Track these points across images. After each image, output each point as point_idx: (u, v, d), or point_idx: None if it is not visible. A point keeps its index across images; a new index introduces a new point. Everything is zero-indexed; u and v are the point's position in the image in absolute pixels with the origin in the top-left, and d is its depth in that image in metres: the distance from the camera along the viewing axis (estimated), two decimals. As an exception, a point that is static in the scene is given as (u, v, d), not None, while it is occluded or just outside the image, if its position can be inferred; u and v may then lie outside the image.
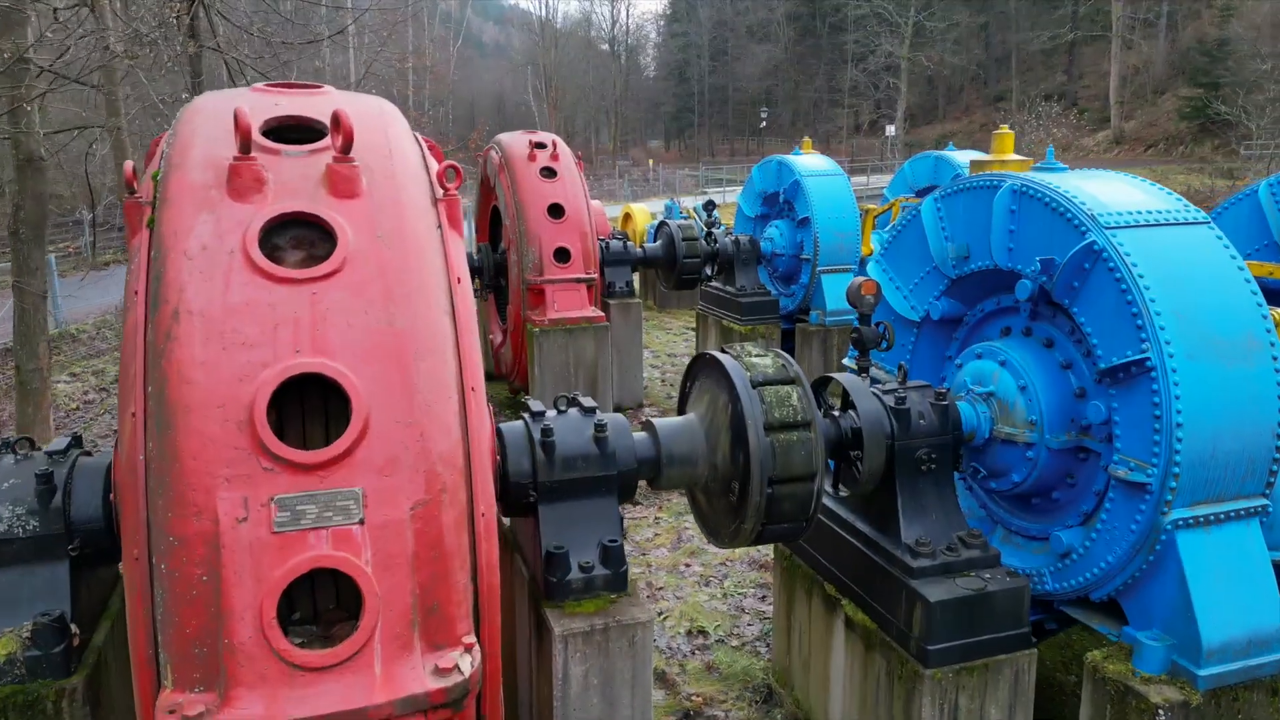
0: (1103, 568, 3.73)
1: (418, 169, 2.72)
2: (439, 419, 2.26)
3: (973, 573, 3.80)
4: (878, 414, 3.93)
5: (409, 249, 2.43)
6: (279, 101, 2.76)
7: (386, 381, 2.23)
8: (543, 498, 3.47)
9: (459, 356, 2.42)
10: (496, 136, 10.03)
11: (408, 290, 2.36)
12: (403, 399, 2.23)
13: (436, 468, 2.22)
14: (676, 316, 15.98)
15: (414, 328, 2.31)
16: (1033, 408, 3.99)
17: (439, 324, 2.38)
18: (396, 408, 2.22)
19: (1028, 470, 4.05)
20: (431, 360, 2.31)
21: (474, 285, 10.44)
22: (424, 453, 2.21)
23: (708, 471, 3.76)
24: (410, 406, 2.23)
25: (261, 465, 2.09)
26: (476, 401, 2.43)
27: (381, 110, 2.86)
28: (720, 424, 3.71)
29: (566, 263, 8.96)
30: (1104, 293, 3.64)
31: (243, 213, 2.35)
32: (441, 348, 2.35)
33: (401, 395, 2.23)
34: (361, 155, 2.55)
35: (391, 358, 2.25)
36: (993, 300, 4.49)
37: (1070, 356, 4.01)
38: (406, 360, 2.26)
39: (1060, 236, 3.82)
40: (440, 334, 2.37)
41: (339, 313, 2.26)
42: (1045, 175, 4.10)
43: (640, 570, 6.30)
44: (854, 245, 10.50)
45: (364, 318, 2.27)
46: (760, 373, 3.70)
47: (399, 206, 2.50)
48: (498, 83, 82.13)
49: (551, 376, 8.85)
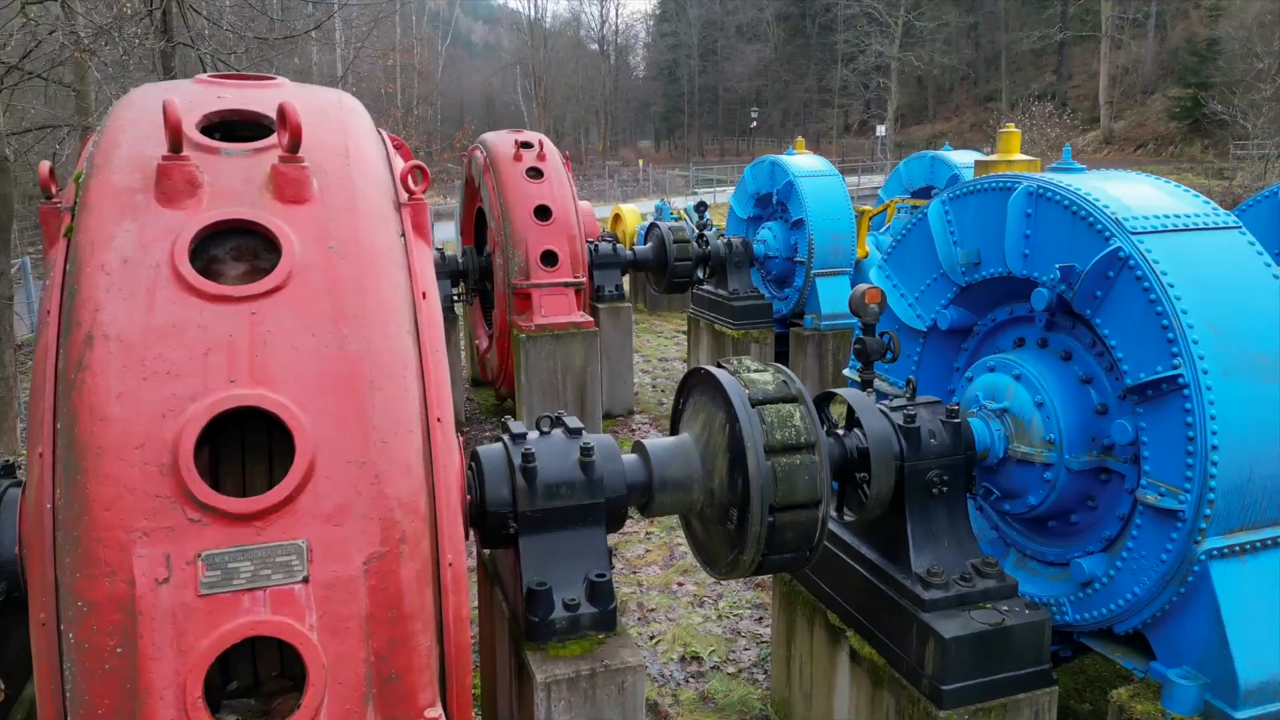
0: (1129, 599, 3.46)
1: (379, 170, 2.42)
2: (398, 457, 1.97)
3: (989, 604, 3.52)
4: (885, 433, 3.65)
5: (366, 261, 2.13)
6: (223, 94, 2.46)
7: (337, 415, 1.93)
8: (524, 528, 3.17)
9: (423, 383, 2.12)
10: (481, 136, 9.72)
11: (363, 308, 2.06)
12: (355, 435, 1.93)
13: (394, 514, 1.92)
14: (668, 319, 15.69)
15: (370, 352, 2.02)
16: (1051, 425, 3.72)
17: (400, 346, 2.09)
18: (348, 446, 1.92)
19: (1045, 492, 3.78)
20: (390, 389, 2.01)
21: (459, 289, 10.17)
22: (380, 497, 1.91)
23: (703, 497, 3.47)
24: (364, 444, 1.93)
25: (187, 516, 1.79)
26: (443, 435, 2.13)
27: (340, 104, 2.56)
28: (717, 445, 3.42)
29: (554, 266, 8.66)
30: (1130, 303, 3.38)
31: (172, 220, 2.04)
32: (402, 374, 2.05)
33: (354, 431, 1.93)
34: (313, 154, 2.26)
35: (343, 387, 1.96)
36: (1005, 309, 4.22)
37: (1091, 370, 3.74)
38: (360, 390, 1.97)
39: (1082, 242, 3.55)
40: (401, 358, 2.07)
41: (282, 335, 1.96)
42: (1063, 176, 3.83)
43: (631, 590, 6.01)
44: (849, 247, 10.23)
45: (311, 341, 1.98)
46: (760, 390, 3.42)
47: (355, 213, 2.20)
48: (486, 82, 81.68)
49: (539, 384, 8.55)
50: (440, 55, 70.18)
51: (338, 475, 1.90)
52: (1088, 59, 57.91)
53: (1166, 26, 54.49)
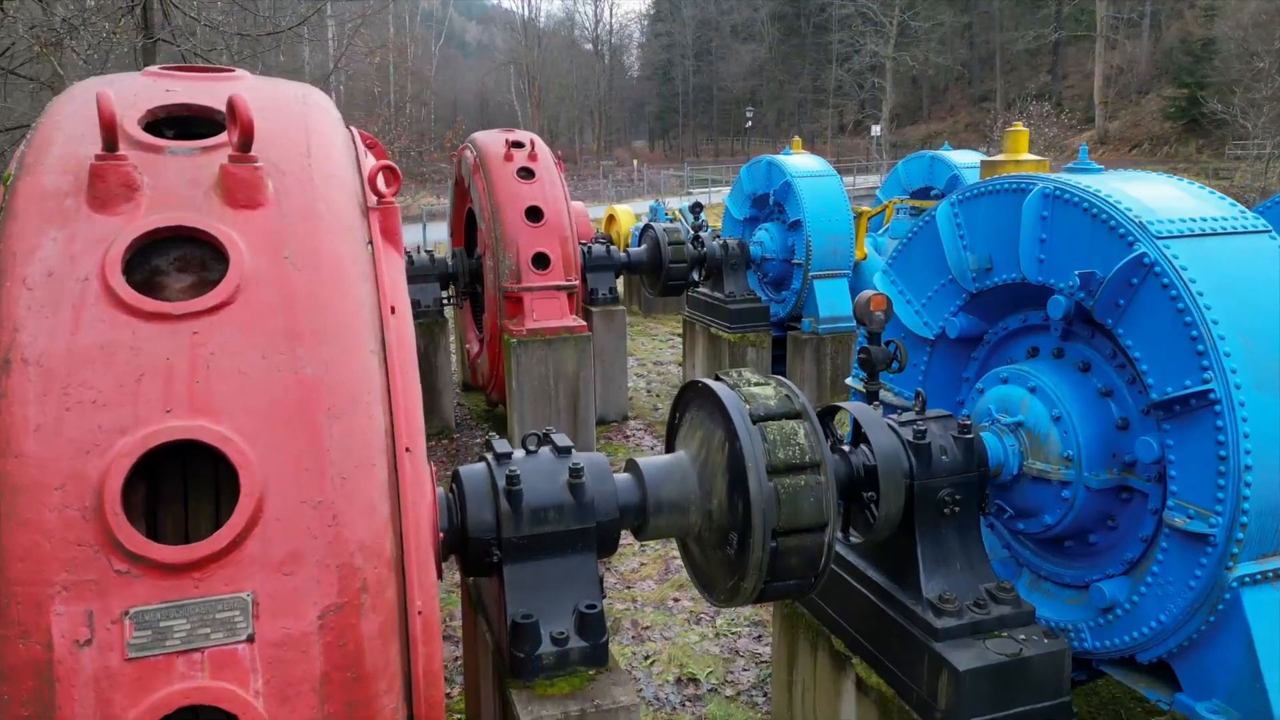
0: (1154, 627, 3.25)
1: (345, 171, 2.19)
2: (359, 495, 1.74)
3: (1005, 633, 3.31)
4: (894, 450, 3.44)
5: (326, 272, 1.91)
6: (172, 88, 2.23)
7: (289, 448, 1.71)
8: (508, 556, 2.95)
9: (390, 410, 1.90)
10: (472, 135, 9.49)
11: (322, 326, 1.84)
12: (310, 471, 1.71)
13: (354, 560, 1.70)
14: (663, 322, 15.47)
15: (328, 375, 1.79)
16: (1069, 441, 3.51)
17: (363, 369, 1.86)
18: (302, 483, 1.70)
19: (1062, 512, 3.57)
20: (351, 417, 1.79)
21: (449, 292, 9.94)
22: (338, 541, 1.69)
23: (701, 520, 3.26)
24: (320, 480, 1.71)
25: (113, 567, 1.57)
26: (413, 466, 1.91)
27: (304, 99, 2.34)
28: (715, 465, 3.21)
29: (545, 269, 8.43)
30: (1156, 312, 3.17)
31: (105, 228, 1.82)
32: (365, 400, 1.83)
33: (309, 466, 1.71)
34: (270, 154, 2.03)
35: (297, 416, 1.73)
36: (1018, 317, 4.01)
37: (1111, 383, 3.53)
38: (317, 419, 1.74)
39: (1103, 247, 3.34)
40: (364, 382, 1.85)
41: (227, 358, 1.74)
42: (1080, 177, 3.62)
43: (625, 606, 5.79)
44: (848, 249, 10.02)
45: (261, 364, 1.75)
46: (761, 405, 3.20)
47: (315, 218, 1.97)
48: (480, 82, 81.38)
49: (530, 390, 8.32)
50: (434, 55, 69.90)
51: (289, 517, 1.67)
52: (1082, 59, 57.88)
53: (1161, 26, 54.46)
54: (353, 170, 2.26)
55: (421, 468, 1.96)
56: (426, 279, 9.40)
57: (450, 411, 9.52)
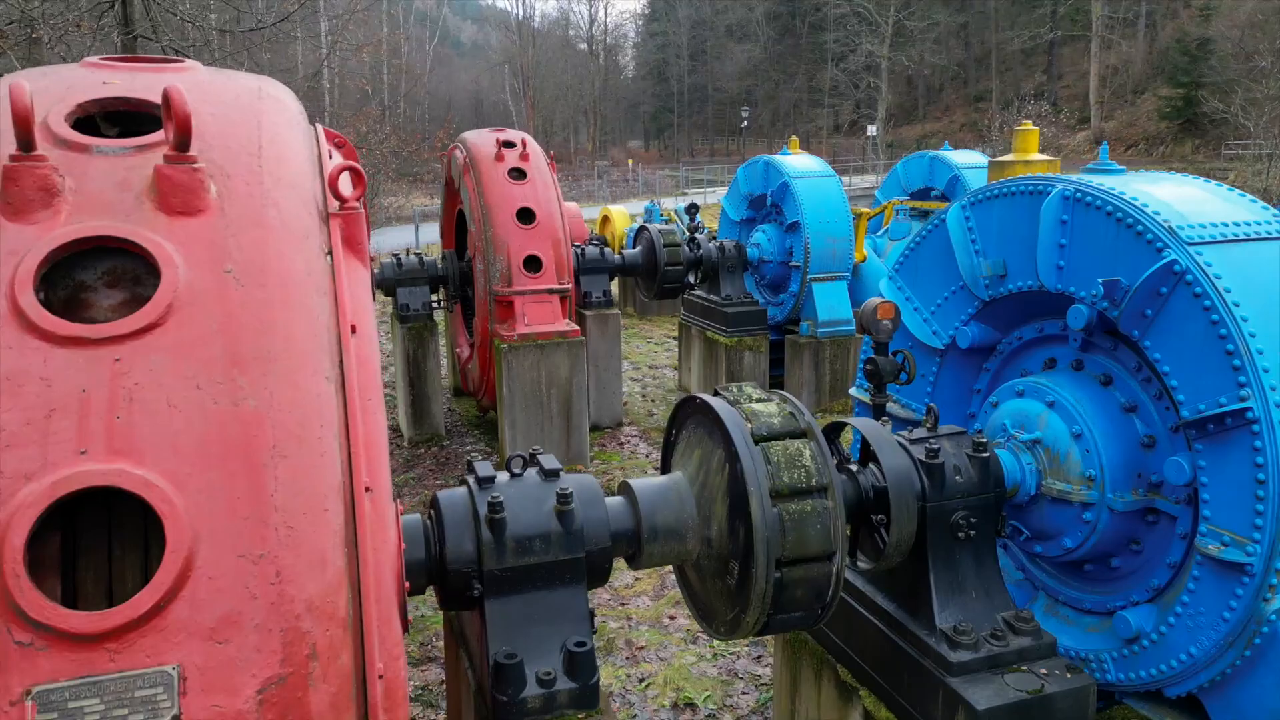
0: (1184, 660, 3.04)
1: (302, 172, 1.96)
2: (308, 546, 1.51)
3: (1025, 667, 3.09)
4: (905, 470, 3.21)
5: (274, 288, 1.68)
6: (110, 79, 2.00)
7: (225, 494, 1.48)
8: (490, 590, 2.72)
9: (348, 444, 1.67)
10: (462, 135, 9.25)
11: (268, 350, 1.61)
12: (250, 520, 1.48)
13: (301, 622, 1.47)
14: (658, 324, 15.24)
15: (274, 407, 1.56)
16: (1090, 460, 3.29)
17: (316, 398, 1.63)
18: (239, 534, 1.47)
19: (1084, 535, 3.35)
20: (301, 455, 1.56)
21: (439, 295, 9.71)
22: (281, 601, 1.46)
23: (699, 547, 3.03)
24: (261, 530, 1.48)
25: (14, 638, 1.34)
26: (374, 509, 1.68)
27: (259, 92, 2.10)
28: (715, 488, 2.98)
29: (537, 272, 8.20)
30: (1188, 324, 2.95)
31: (17, 239, 1.59)
32: (317, 435, 1.60)
33: (248, 514, 1.48)
34: (214, 153, 1.80)
35: (235, 456, 1.50)
36: (1034, 326, 3.79)
37: (1135, 398, 3.32)
38: (259, 458, 1.51)
39: (1128, 253, 3.12)
40: (317, 413, 1.62)
41: (155, 389, 1.51)
42: (1101, 178, 3.40)
43: (619, 625, 5.57)
44: (847, 251, 9.82)
45: (195, 395, 1.52)
46: (764, 424, 2.98)
47: (264, 226, 1.74)
48: (475, 82, 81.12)
49: (522, 396, 8.09)
50: (428, 54, 69.60)
51: (224, 574, 1.44)
52: (1078, 59, 57.84)
53: (1156, 26, 54.43)
54: (312, 171, 2.03)
55: (384, 509, 1.73)
56: (416, 282, 9.17)
57: (440, 418, 9.29)
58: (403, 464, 8.57)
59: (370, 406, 1.78)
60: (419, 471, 8.37)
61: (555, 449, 8.24)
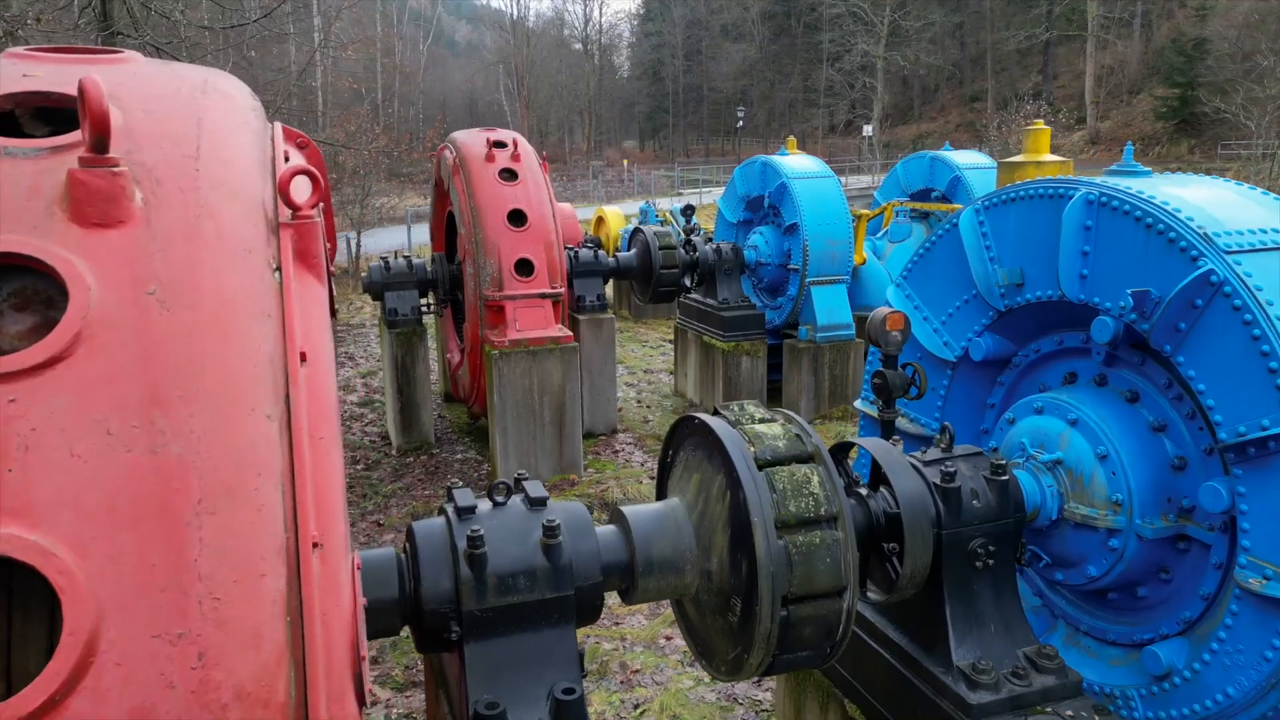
0: (1220, 701, 2.81)
1: (248, 177, 1.72)
2: (238, 619, 1.28)
3: (1049, 708, 2.87)
4: (919, 495, 2.99)
5: (206, 311, 1.44)
6: (33, 71, 1.76)
7: (138, 561, 1.24)
8: (470, 632, 2.49)
9: (293, 493, 1.43)
10: (452, 134, 9.01)
11: (196, 385, 1.37)
12: (168, 591, 1.24)
13: (229, 713, 1.24)
14: (653, 327, 15.00)
15: (201, 454, 1.33)
16: (1117, 483, 3.07)
17: (253, 441, 1.40)
18: (155, 609, 1.23)
19: (1109, 563, 3.13)
20: (232, 511, 1.33)
21: (429, 299, 9.47)
22: (205, 689, 1.23)
23: (698, 581, 2.80)
24: (182, 604, 1.24)
25: None
26: (325, 567, 1.45)
27: (203, 86, 1.87)
28: (715, 517, 2.75)
29: (529, 276, 7.96)
30: (1226, 339, 2.73)
31: (-100, 255, 1.35)
32: (253, 485, 1.37)
33: (166, 584, 1.24)
34: (143, 155, 1.57)
35: (152, 515, 1.27)
36: (1053, 339, 3.57)
37: (1164, 417, 3.10)
38: (181, 516, 1.28)
39: (1160, 262, 2.90)
40: (254, 459, 1.38)
41: (55, 434, 1.27)
42: (1127, 181, 3.18)
43: (613, 646, 5.33)
44: (846, 254, 9.60)
45: (104, 442, 1.29)
46: (768, 447, 2.75)
47: (196, 240, 1.51)
48: (469, 81, 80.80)
49: (513, 404, 7.85)
50: (422, 54, 69.28)
51: (135, 660, 1.21)
52: (1073, 58, 57.76)
53: (1152, 26, 54.38)
54: (262, 176, 1.79)
55: (337, 566, 1.50)
56: (404, 286, 8.93)
57: (430, 425, 9.04)
58: (391, 473, 8.33)
59: (323, 446, 1.54)
60: (407, 481, 8.13)
61: (548, 458, 8.01)
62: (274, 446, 1.44)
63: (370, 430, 9.68)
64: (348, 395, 11.01)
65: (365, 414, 10.28)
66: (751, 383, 9.71)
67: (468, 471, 8.33)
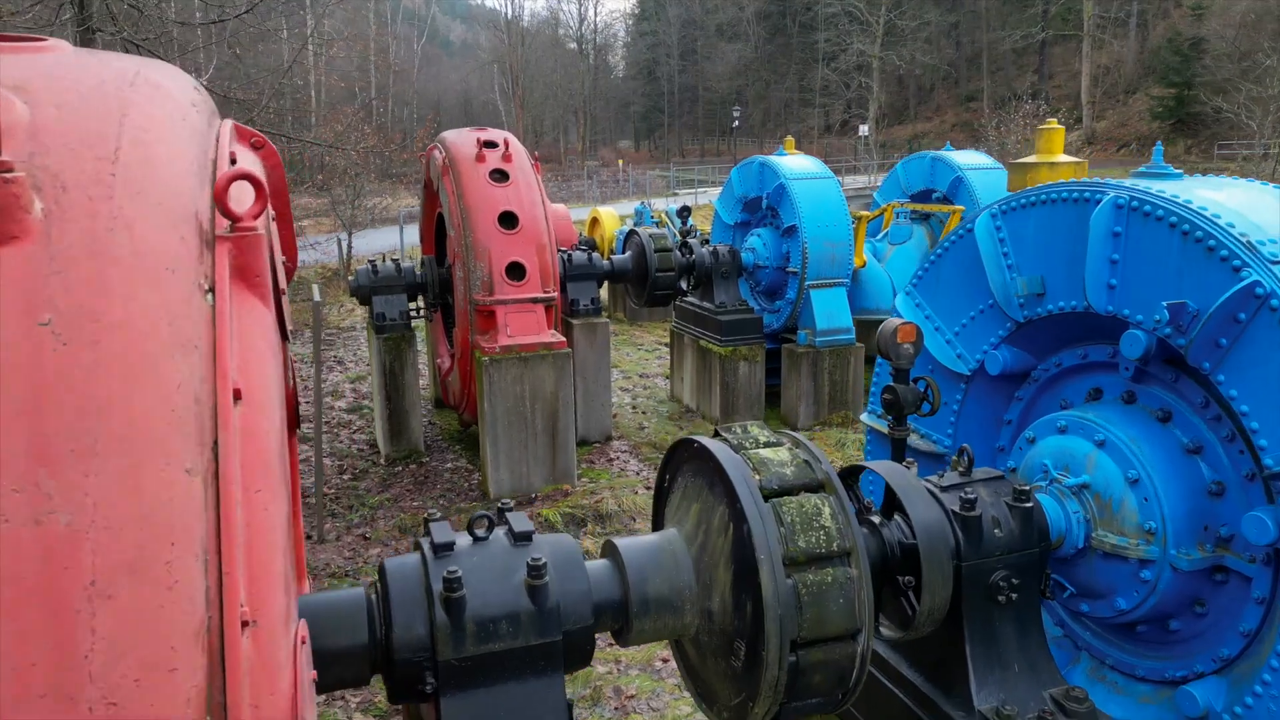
0: (1265, 749, 2.59)
1: (180, 183, 1.49)
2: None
3: (1079, 757, 2.64)
4: (938, 525, 2.76)
5: (112, 345, 1.21)
6: (-71, 60, 1.52)
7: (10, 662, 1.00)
8: (447, 684, 2.25)
9: (219, 562, 1.20)
10: (441, 134, 8.77)
11: (94, 437, 1.14)
12: (48, 699, 1.01)
13: None
14: (649, 330, 14.77)
15: (97, 524, 1.09)
16: (1150, 510, 2.84)
17: (167, 503, 1.16)
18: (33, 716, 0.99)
19: (1141, 596, 2.90)
20: (135, 592, 1.09)
21: (417, 303, 9.22)
22: (95, 819, 0.98)
23: (698, 621, 2.57)
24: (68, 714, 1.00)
25: None
26: (258, 650, 1.21)
27: (133, 78, 1.63)
28: (717, 551, 2.52)
29: (521, 280, 7.72)
30: (1274, 357, 2.50)
31: None
32: (164, 557, 1.13)
33: (45, 689, 1.01)
34: (48, 158, 1.33)
35: (32, 601, 1.03)
36: (1076, 352, 3.35)
37: (1200, 438, 2.87)
38: (69, 602, 1.05)
39: (1198, 273, 2.68)
40: (166, 525, 1.15)
41: (-86, 503, 1.03)
42: (1159, 184, 2.96)
43: (607, 669, 5.10)
44: (846, 257, 9.38)
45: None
46: (774, 475, 2.52)
47: (107, 257, 1.27)
48: (464, 81, 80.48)
49: (504, 412, 7.61)
50: (416, 53, 68.95)
51: (4, 786, 0.97)
52: (1069, 58, 57.67)
53: (1148, 26, 54.31)
54: (199, 181, 1.55)
55: (274, 647, 1.26)
56: (392, 290, 8.67)
57: (419, 433, 8.79)
58: (378, 483, 8.08)
59: (259, 500, 1.31)
60: (395, 492, 7.88)
61: (541, 467, 7.77)
62: (194, 506, 1.20)
63: (358, 438, 9.43)
64: (336, 401, 10.76)
65: (354, 420, 10.03)
66: (749, 388, 9.48)
67: (458, 481, 8.09)
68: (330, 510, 7.42)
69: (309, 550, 6.68)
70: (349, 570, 6.38)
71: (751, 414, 9.54)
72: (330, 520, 7.23)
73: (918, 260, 10.30)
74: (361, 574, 6.34)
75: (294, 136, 12.06)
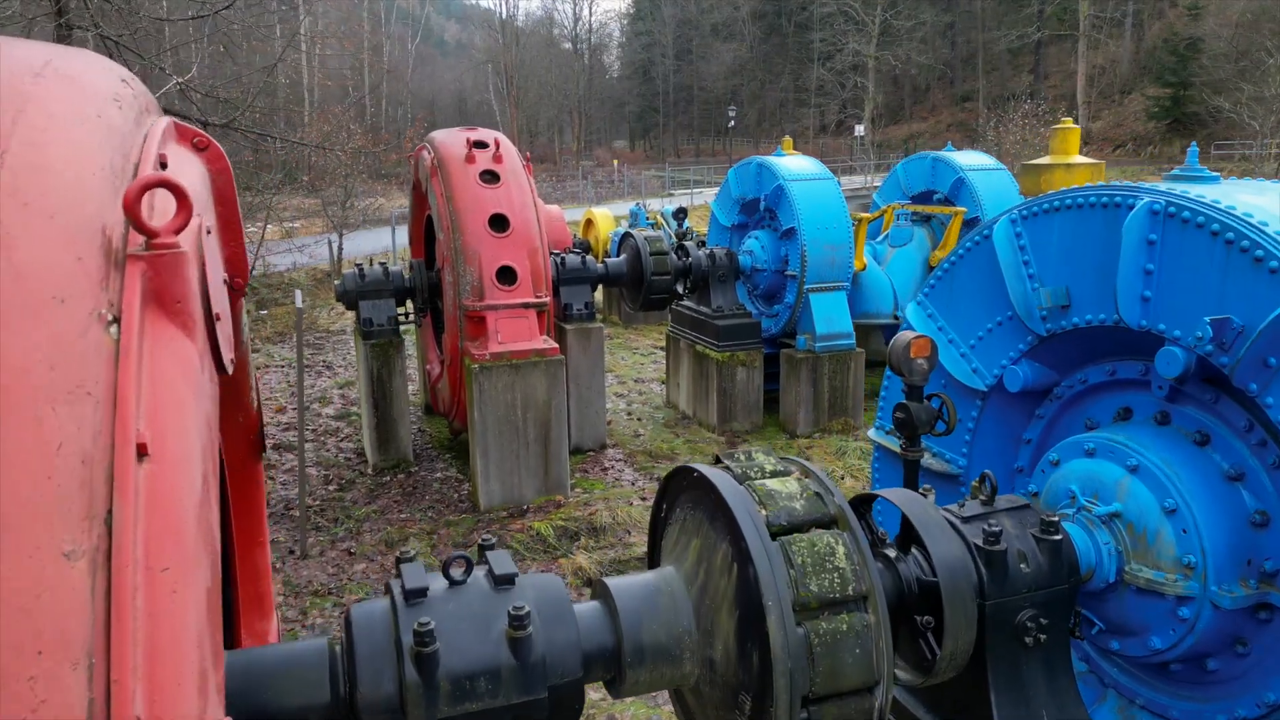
0: (1319, 807, 2.36)
1: (81, 191, 1.25)
2: None
3: (1116, 816, 2.41)
4: (960, 561, 2.52)
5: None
6: None
7: None
8: (418, 749, 2.01)
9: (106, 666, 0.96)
10: (430, 134, 8.52)
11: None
12: None
13: None
14: (645, 334, 14.53)
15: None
16: (1189, 542, 2.61)
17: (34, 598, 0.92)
18: None
19: (1179, 635, 2.67)
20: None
21: (406, 308, 8.97)
22: None
23: (699, 671, 2.33)
24: None
25: None
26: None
27: (41, 69, 1.39)
28: (719, 594, 2.28)
29: (512, 285, 7.48)
30: (1331, 379, 2.28)
31: None
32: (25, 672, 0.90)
33: None
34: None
35: None
36: (1103, 368, 3.12)
37: (1242, 464, 2.64)
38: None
39: (1244, 285, 2.45)
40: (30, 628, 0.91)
41: None
42: (1195, 187, 2.73)
43: (600, 695, 4.86)
44: (846, 260, 9.16)
45: None
46: (783, 509, 2.28)
47: (-25, 286, 1.03)
48: (458, 81, 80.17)
49: (495, 420, 7.37)
50: (410, 53, 68.64)
51: None
52: (1065, 58, 57.60)
53: (1143, 26, 54.25)
54: (109, 190, 1.31)
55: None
56: (380, 295, 8.42)
57: (408, 442, 8.54)
58: (365, 494, 7.83)
59: (166, 581, 1.07)
60: (383, 503, 7.63)
61: (532, 478, 7.53)
62: (73, 600, 0.96)
63: (345, 446, 9.17)
64: (324, 408, 10.50)
65: (341, 428, 9.77)
66: (747, 394, 9.26)
67: (448, 492, 7.84)
68: (314, 523, 7.17)
69: (291, 567, 6.43)
70: (332, 588, 6.13)
71: (749, 420, 9.32)
72: (314, 534, 6.97)
73: (919, 263, 10.08)
74: (345, 591, 6.09)
75: (276, 135, 11.78)
